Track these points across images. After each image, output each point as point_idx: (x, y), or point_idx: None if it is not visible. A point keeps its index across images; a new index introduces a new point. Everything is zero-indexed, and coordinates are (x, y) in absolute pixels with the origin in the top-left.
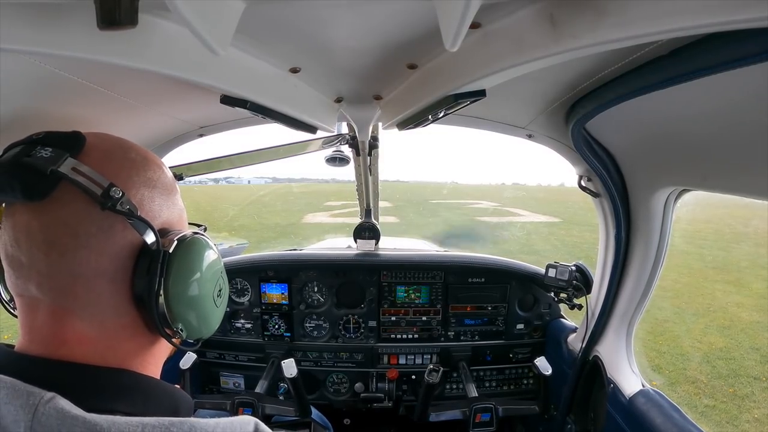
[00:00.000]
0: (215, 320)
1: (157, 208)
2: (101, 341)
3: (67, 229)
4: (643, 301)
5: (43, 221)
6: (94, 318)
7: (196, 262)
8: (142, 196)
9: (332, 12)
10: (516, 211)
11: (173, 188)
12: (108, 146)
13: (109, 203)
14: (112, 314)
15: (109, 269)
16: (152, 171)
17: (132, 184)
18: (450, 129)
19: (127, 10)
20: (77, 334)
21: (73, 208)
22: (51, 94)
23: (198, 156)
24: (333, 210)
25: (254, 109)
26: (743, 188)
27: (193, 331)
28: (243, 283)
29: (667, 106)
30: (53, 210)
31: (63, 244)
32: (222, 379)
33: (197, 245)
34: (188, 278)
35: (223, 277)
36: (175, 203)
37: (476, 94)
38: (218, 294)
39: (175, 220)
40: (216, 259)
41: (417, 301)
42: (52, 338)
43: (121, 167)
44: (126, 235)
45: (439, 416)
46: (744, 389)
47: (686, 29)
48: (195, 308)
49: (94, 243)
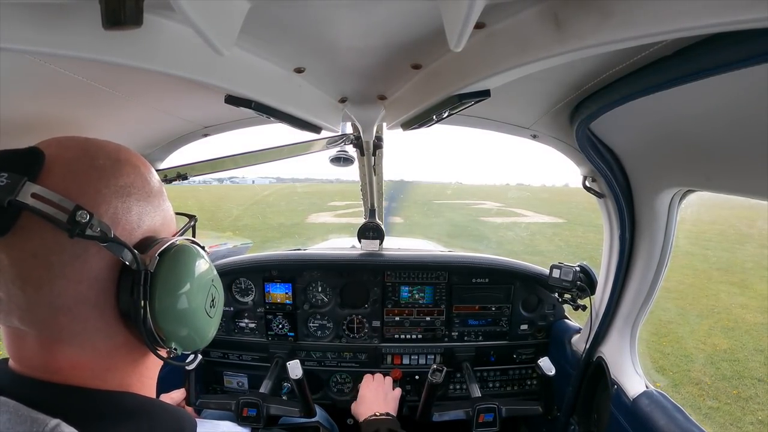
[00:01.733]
0: (210, 331)
1: (135, 218)
2: (96, 364)
3: (37, 262)
4: (648, 302)
5: (12, 256)
6: (85, 344)
7: (182, 275)
8: (115, 210)
9: (336, 12)
10: (520, 211)
11: (153, 191)
12: (71, 156)
13: (77, 230)
14: (103, 337)
15: (90, 295)
16: (125, 176)
17: (102, 198)
18: (454, 129)
19: (131, 10)
20: (70, 361)
21: (41, 238)
22: (55, 94)
23: (202, 156)
24: (337, 210)
25: (259, 109)
26: (748, 189)
27: (188, 346)
28: (247, 282)
29: (671, 106)
30: (19, 243)
31: (37, 277)
32: (226, 378)
33: (182, 256)
34: (175, 293)
35: (216, 285)
36: (158, 207)
37: (481, 94)
38: (211, 304)
39: (159, 226)
40: (205, 267)
41: (421, 301)
42: (44, 367)
43: (88, 180)
44: (103, 256)
45: (442, 416)
46: (748, 391)
47: (691, 29)
48: (186, 323)
49: (70, 272)
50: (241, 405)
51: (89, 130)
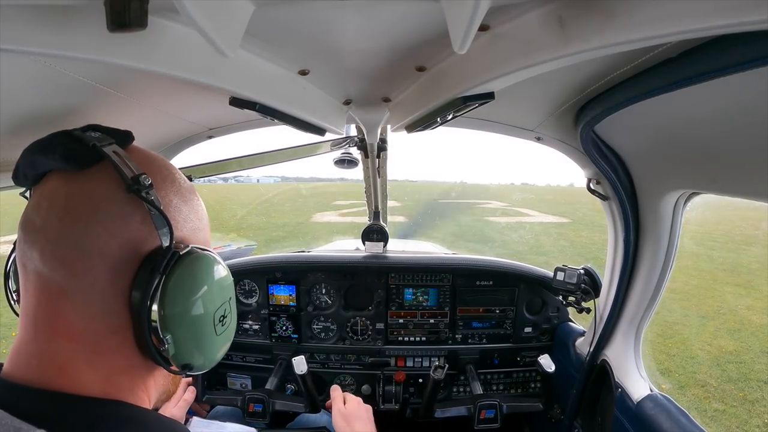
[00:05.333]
0: (212, 348)
1: (182, 220)
2: (87, 338)
3: (89, 201)
4: (652, 304)
5: (70, 189)
6: (85, 308)
7: (205, 275)
8: (169, 201)
9: (341, 14)
10: (525, 211)
11: (201, 213)
12: (150, 155)
13: (135, 187)
14: (102, 309)
15: (115, 255)
16: (189, 196)
17: (165, 190)
18: (459, 129)
19: (136, 12)
20: (68, 326)
21: (103, 185)
22: (60, 96)
23: (207, 157)
24: (341, 209)
25: (263, 111)
26: (754, 192)
27: (183, 352)
28: (251, 284)
29: (676, 108)
30: (84, 182)
31: (79, 213)
32: (229, 380)
33: (207, 263)
34: (191, 289)
35: (231, 305)
36: (203, 226)
37: (485, 96)
38: (221, 320)
39: (196, 240)
40: (226, 282)
41: (425, 303)
42: (45, 327)
43: (159, 171)
44: (143, 228)
45: (444, 413)
46: (754, 393)
47: (696, 31)
48: (188, 324)
49: (110, 222)
50: (248, 401)
51: None
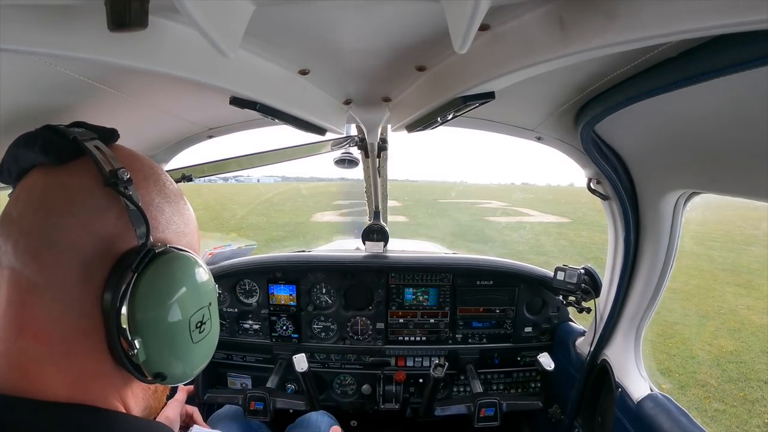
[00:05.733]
0: (187, 357)
1: (164, 222)
2: (55, 339)
3: (65, 193)
4: (652, 304)
5: (48, 182)
6: (54, 305)
7: (181, 277)
8: (151, 200)
9: (341, 14)
10: (525, 211)
11: (188, 215)
12: (138, 154)
13: (112, 180)
14: (72, 309)
15: (87, 251)
16: (176, 198)
17: (146, 186)
18: (459, 129)
19: (137, 12)
20: (36, 325)
21: (80, 178)
22: (61, 95)
23: (207, 157)
24: (342, 209)
25: (263, 111)
26: (754, 191)
27: (154, 359)
28: (251, 284)
29: (676, 108)
30: (62, 176)
31: (54, 205)
32: (229, 379)
33: (187, 262)
34: (165, 290)
35: (211, 311)
36: (189, 230)
37: (485, 96)
38: (198, 326)
39: (182, 243)
40: (206, 286)
41: (425, 303)
42: (13, 325)
43: (141, 169)
44: (119, 224)
45: (444, 411)
46: (754, 393)
47: (695, 31)
48: (160, 328)
49: (84, 216)
50: (249, 399)
51: None
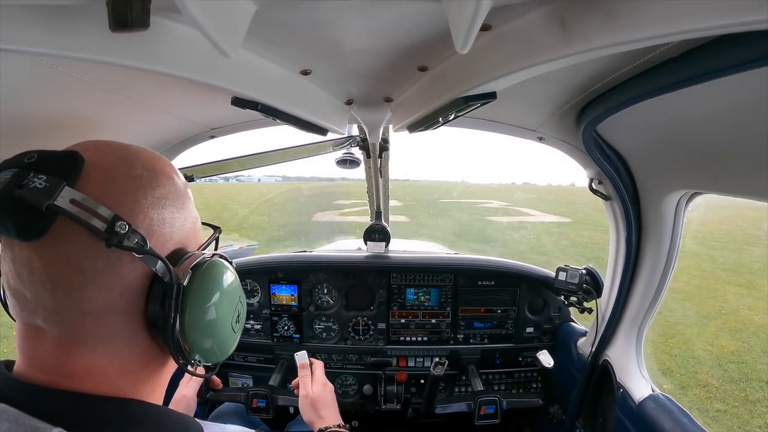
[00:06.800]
0: (231, 345)
1: (169, 230)
2: (113, 371)
3: (71, 267)
4: (654, 305)
5: (45, 258)
6: (106, 350)
7: (212, 290)
8: (151, 221)
9: (343, 14)
10: (527, 211)
11: (185, 198)
12: (110, 163)
13: (114, 240)
14: (126, 344)
15: (120, 303)
16: (161, 187)
17: (139, 209)
18: (460, 129)
19: (138, 13)
20: (86, 366)
21: (76, 243)
22: (62, 95)
23: (208, 157)
24: (343, 209)
25: (265, 111)
26: (756, 192)
27: (210, 358)
28: (253, 284)
29: (678, 108)
30: (54, 246)
31: (68, 282)
32: (231, 380)
33: (214, 272)
34: (204, 308)
35: (242, 301)
36: (188, 215)
37: (487, 96)
38: (236, 320)
39: (190, 234)
40: (234, 283)
41: (426, 303)
42: (57, 369)
43: (126, 190)
44: (136, 266)
45: (445, 408)
46: (756, 394)
47: (697, 31)
48: (213, 336)
49: (102, 279)
50: (251, 396)
51: (96, 131)
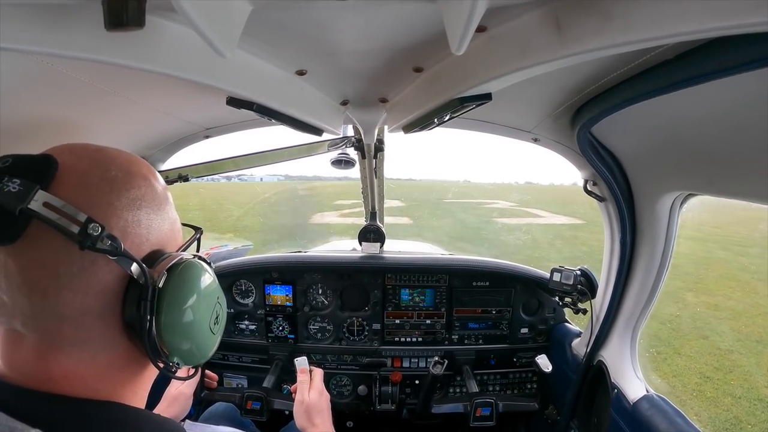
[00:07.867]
0: (211, 347)
1: (145, 231)
2: (91, 375)
3: (45, 271)
4: (648, 306)
5: (20, 263)
6: (84, 354)
7: (188, 292)
8: (125, 222)
9: (338, 15)
10: (534, 212)
11: (163, 200)
12: (84, 166)
13: (88, 242)
14: (104, 348)
15: (97, 306)
16: (137, 189)
17: (113, 211)
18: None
19: (134, 12)
20: (64, 370)
21: (50, 247)
22: (57, 94)
23: (203, 157)
24: (343, 209)
25: (260, 111)
26: (750, 193)
27: (189, 360)
28: (247, 284)
29: (673, 110)
30: (28, 251)
31: (44, 286)
32: (225, 380)
33: (190, 273)
34: (181, 309)
35: (221, 302)
36: (166, 217)
37: (482, 97)
38: (215, 321)
39: (167, 236)
40: (212, 285)
41: (421, 304)
42: (35, 374)
43: (100, 192)
44: (111, 269)
45: (440, 408)
46: None
47: (692, 33)
48: (191, 339)
49: (77, 282)
50: (246, 398)
51: (91, 131)
